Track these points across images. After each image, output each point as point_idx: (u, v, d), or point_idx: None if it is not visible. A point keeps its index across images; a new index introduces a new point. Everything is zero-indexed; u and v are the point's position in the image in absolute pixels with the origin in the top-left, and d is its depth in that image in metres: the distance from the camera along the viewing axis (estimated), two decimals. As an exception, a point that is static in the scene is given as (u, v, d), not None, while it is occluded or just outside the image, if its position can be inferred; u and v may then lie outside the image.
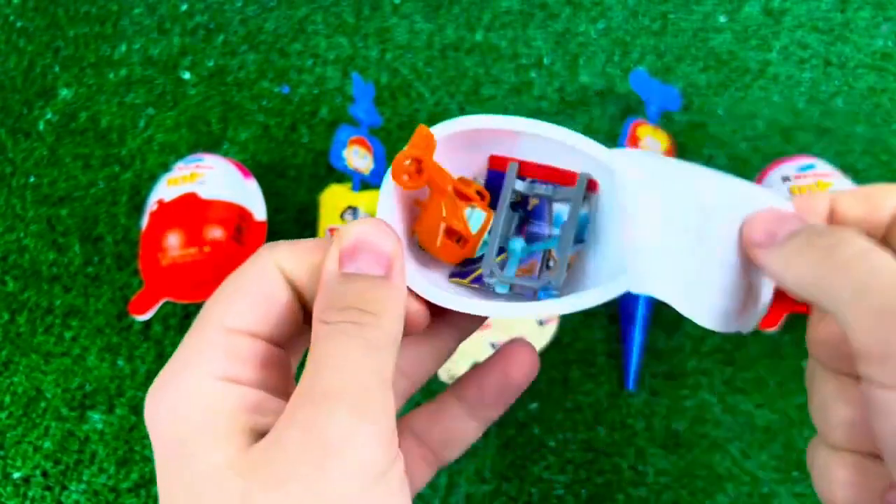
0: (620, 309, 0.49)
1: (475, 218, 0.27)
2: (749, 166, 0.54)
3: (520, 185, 0.28)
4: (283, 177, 0.57)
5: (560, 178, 0.28)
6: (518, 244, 0.29)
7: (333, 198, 0.51)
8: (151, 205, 0.49)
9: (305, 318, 0.24)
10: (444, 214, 0.27)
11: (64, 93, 0.62)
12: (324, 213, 0.51)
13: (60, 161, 0.59)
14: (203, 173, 0.50)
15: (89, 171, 0.58)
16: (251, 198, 0.51)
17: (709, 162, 0.55)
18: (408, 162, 0.25)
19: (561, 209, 0.29)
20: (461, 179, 0.28)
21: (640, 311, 0.48)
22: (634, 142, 0.51)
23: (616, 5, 0.62)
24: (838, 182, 0.46)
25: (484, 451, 0.47)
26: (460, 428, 0.28)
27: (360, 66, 0.61)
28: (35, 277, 0.54)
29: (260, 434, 0.21)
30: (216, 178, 0.50)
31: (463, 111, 0.57)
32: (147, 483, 0.47)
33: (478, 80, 0.59)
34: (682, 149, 0.56)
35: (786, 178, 0.47)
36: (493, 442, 0.48)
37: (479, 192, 0.28)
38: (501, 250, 0.28)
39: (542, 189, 0.28)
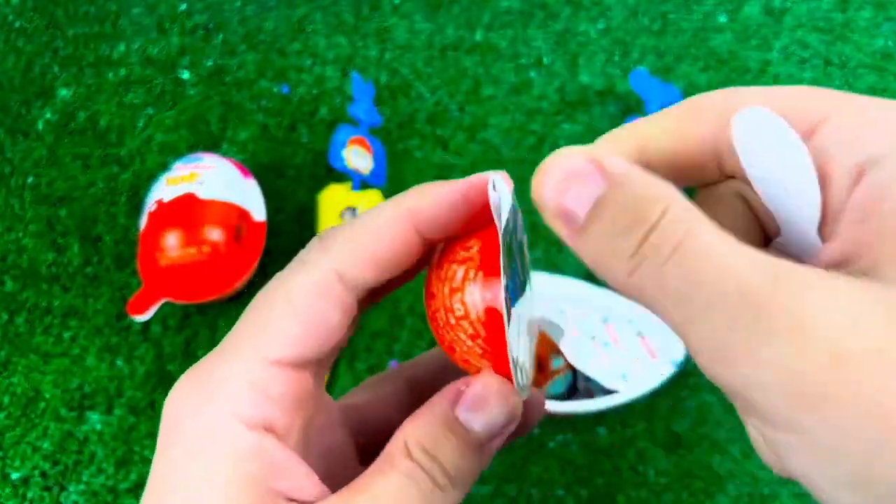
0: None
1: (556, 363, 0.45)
2: (749, 166, 0.54)
3: None
4: (282, 176, 0.57)
5: None
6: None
7: (333, 197, 0.51)
8: (150, 205, 0.49)
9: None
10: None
11: (63, 93, 0.61)
12: (323, 213, 0.51)
13: (59, 161, 0.58)
14: (202, 173, 0.49)
15: (88, 171, 0.58)
16: (250, 197, 0.51)
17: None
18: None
19: None
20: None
21: (641, 312, 0.48)
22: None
23: (616, 5, 0.62)
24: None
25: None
26: None
27: (360, 65, 0.61)
28: (34, 277, 0.54)
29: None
30: (215, 178, 0.50)
31: (463, 111, 0.57)
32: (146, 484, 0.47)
33: (478, 79, 0.59)
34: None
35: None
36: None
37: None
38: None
39: None
